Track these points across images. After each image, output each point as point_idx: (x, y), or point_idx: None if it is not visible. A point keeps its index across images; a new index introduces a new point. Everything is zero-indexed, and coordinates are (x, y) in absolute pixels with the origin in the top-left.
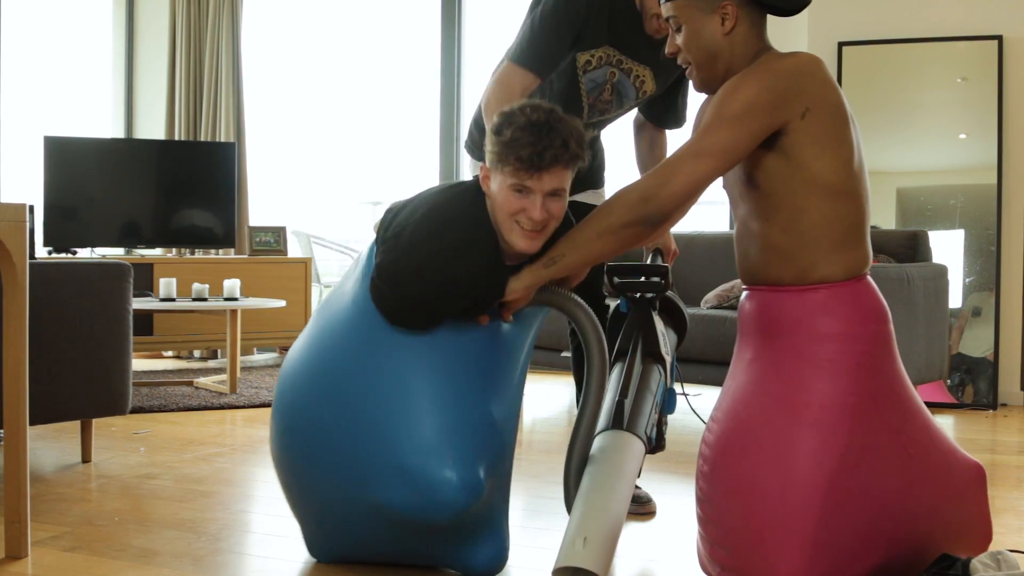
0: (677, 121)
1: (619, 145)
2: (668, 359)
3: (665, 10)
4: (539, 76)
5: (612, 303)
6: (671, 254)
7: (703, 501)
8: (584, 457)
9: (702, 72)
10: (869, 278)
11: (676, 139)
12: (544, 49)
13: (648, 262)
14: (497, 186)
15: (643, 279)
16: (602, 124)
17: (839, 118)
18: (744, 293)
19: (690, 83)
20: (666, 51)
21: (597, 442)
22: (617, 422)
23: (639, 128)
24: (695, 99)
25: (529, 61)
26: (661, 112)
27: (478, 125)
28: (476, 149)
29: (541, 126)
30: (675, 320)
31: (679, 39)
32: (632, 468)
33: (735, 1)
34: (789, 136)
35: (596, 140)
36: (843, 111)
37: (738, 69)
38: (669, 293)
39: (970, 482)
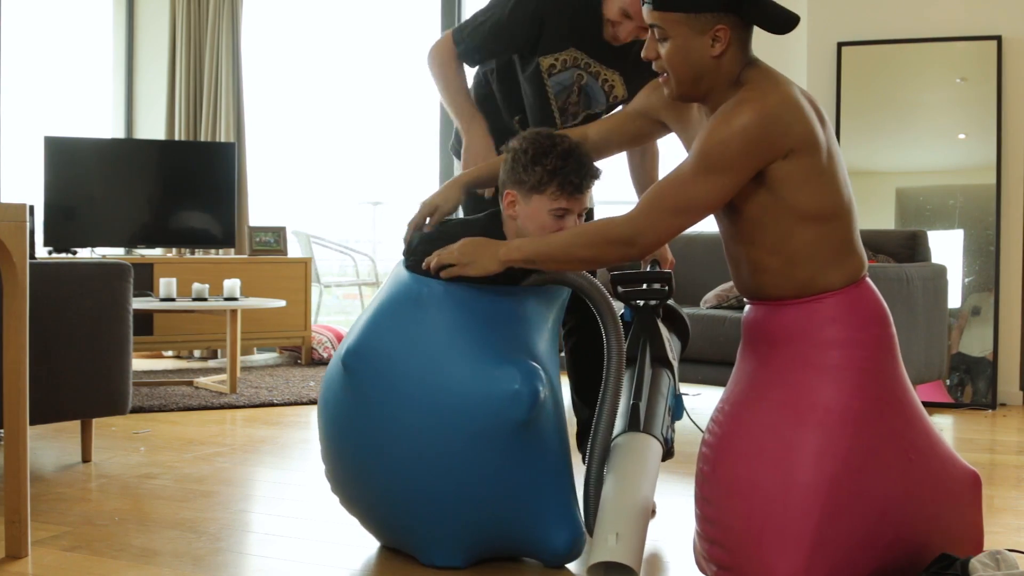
0: None
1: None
2: (675, 364)
3: (648, 17)
4: (464, 58)
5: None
6: (668, 264)
7: (704, 501)
8: (604, 454)
9: (682, 88)
10: (868, 280)
11: (666, 145)
12: (480, 44)
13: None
14: (531, 210)
15: (646, 287)
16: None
17: (819, 152)
18: (747, 305)
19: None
20: (642, 55)
21: (616, 444)
22: (634, 424)
23: None
24: None
25: (460, 37)
26: None
27: None
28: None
29: (575, 154)
30: (678, 327)
31: (661, 49)
32: (653, 466)
33: (729, 24)
34: (771, 173)
35: None
36: (820, 144)
37: (720, 87)
38: (669, 301)
39: (966, 489)
